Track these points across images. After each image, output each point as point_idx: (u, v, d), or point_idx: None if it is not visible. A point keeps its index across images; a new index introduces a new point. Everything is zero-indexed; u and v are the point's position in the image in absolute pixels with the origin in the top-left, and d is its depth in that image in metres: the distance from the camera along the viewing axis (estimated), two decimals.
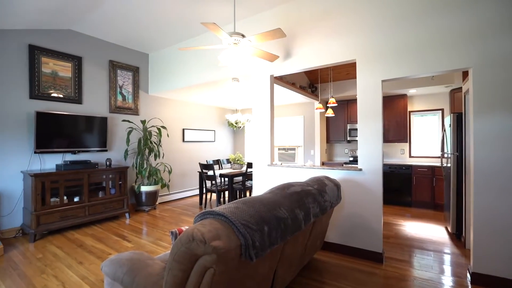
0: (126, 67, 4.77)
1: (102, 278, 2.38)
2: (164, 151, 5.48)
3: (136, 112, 4.95)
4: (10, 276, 2.43)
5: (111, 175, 4.12)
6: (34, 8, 3.07)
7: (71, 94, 4.03)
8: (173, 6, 3.34)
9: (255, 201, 1.48)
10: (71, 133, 3.90)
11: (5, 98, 3.41)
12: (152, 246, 3.14)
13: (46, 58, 3.77)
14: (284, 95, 5.35)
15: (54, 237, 3.43)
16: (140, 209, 4.73)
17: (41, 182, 3.35)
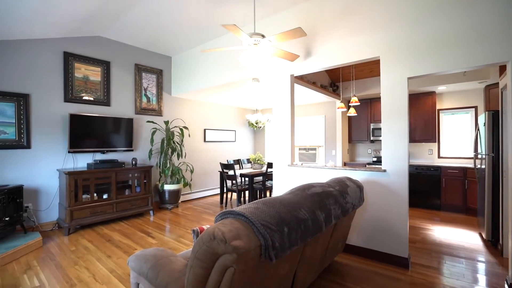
0: (151, 70, 4.96)
1: (129, 272, 2.50)
2: (186, 151, 5.63)
3: (160, 113, 5.13)
4: (48, 266, 2.63)
5: (136, 174, 4.30)
6: (68, 17, 3.29)
7: (100, 97, 4.27)
8: (194, 10, 3.42)
9: (275, 201, 1.48)
10: (100, 133, 4.13)
11: (43, 102, 3.68)
12: (175, 243, 3.24)
13: (79, 63, 4.02)
14: (305, 94, 5.28)
15: (85, 231, 3.65)
16: (163, 207, 4.90)
17: (74, 179, 3.58)
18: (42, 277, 2.43)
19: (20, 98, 3.48)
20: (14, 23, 3.06)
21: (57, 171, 3.80)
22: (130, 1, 3.14)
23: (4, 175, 3.36)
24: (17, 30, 3.26)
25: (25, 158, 3.53)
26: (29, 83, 3.57)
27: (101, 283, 2.32)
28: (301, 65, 3.35)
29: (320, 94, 5.09)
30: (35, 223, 3.59)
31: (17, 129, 3.46)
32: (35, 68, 3.62)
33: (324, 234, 1.92)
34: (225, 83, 4.28)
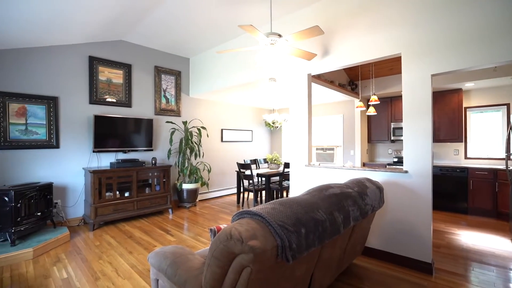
0: (169, 71, 5.09)
1: (149, 268, 2.58)
2: (204, 151, 5.72)
3: (178, 113, 5.25)
4: (75, 259, 2.77)
5: (156, 173, 4.43)
6: (93, 24, 3.44)
7: (122, 99, 4.44)
8: (211, 12, 3.46)
9: (292, 202, 1.47)
10: (122, 134, 4.29)
11: (70, 104, 3.88)
12: (193, 241, 3.30)
13: (102, 67, 4.21)
14: (322, 93, 5.20)
15: (108, 227, 3.81)
16: (181, 205, 5.01)
17: (98, 178, 3.75)
18: (70, 269, 2.56)
19: (50, 101, 3.69)
20: (45, 31, 3.25)
21: (82, 170, 4.00)
22: (149, 5, 3.24)
23: (36, 173, 3.58)
24: (47, 37, 3.46)
25: (54, 157, 3.74)
26: (58, 86, 3.78)
27: (123, 277, 2.41)
28: (319, 64, 3.29)
29: (338, 93, 4.99)
30: (63, 218, 3.80)
31: (48, 130, 3.68)
32: (63, 72, 3.82)
33: (342, 236, 1.88)
34: (241, 83, 4.30)
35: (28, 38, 3.34)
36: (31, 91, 3.55)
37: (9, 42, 3.29)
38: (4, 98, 3.34)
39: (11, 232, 2.84)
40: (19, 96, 3.45)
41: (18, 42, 3.35)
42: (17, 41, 3.32)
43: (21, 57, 3.49)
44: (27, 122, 3.52)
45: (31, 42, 3.48)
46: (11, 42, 3.29)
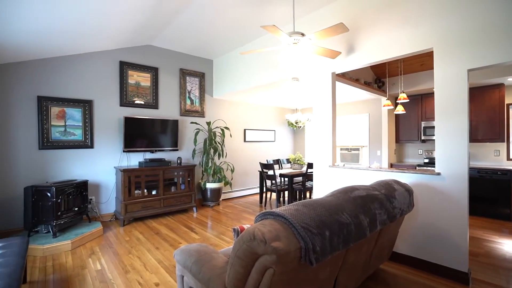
0: (194, 73, 5.23)
1: (174, 264, 2.67)
2: (227, 151, 5.81)
3: (202, 114, 5.38)
4: (107, 253, 2.94)
5: (181, 172, 4.58)
6: (124, 29, 3.63)
7: (150, 101, 4.64)
8: (234, 13, 3.50)
9: (316, 204, 1.44)
10: (149, 134, 4.49)
11: (103, 107, 4.14)
12: (216, 240, 3.37)
13: (132, 71, 4.43)
14: (347, 92, 5.05)
15: (137, 223, 4.00)
16: (205, 204, 5.13)
17: (128, 176, 3.95)
18: (103, 262, 2.73)
19: (85, 104, 3.96)
20: (81, 39, 3.49)
21: (114, 169, 4.24)
22: (175, 9, 3.35)
23: (73, 171, 3.86)
24: (83, 45, 3.71)
25: (89, 156, 4.01)
26: (92, 90, 4.04)
27: (151, 272, 2.52)
28: (343, 62, 3.20)
29: (363, 92, 4.81)
30: (97, 214, 4.06)
31: (83, 131, 3.95)
32: (97, 76, 4.08)
33: (368, 240, 1.82)
34: (264, 83, 4.31)
35: (67, 47, 3.61)
36: (69, 95, 3.83)
37: (51, 51, 3.57)
38: (47, 102, 3.64)
39: (53, 225, 3.09)
40: (59, 100, 3.74)
41: (59, 50, 3.62)
42: (58, 50, 3.60)
43: (61, 64, 3.77)
44: (66, 124, 3.80)
45: (70, 50, 3.75)
46: (54, 51, 3.57)
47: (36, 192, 3.12)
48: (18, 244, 2.12)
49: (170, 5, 3.19)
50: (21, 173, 3.47)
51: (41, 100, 3.60)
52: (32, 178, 3.54)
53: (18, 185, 3.44)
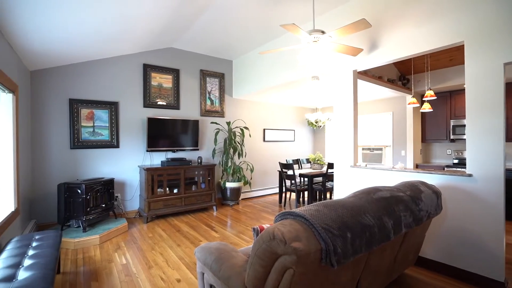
0: (214, 74, 5.32)
1: (195, 261, 2.73)
2: (247, 150, 5.84)
3: (222, 114, 5.45)
4: (132, 248, 3.07)
5: (202, 172, 4.67)
6: (146, 33, 3.77)
7: (171, 102, 4.78)
8: (253, 13, 3.51)
9: (337, 204, 1.41)
10: (171, 134, 4.63)
11: (128, 108, 4.32)
12: (236, 238, 3.40)
13: (154, 73, 4.58)
14: (369, 90, 4.89)
15: (159, 221, 4.14)
16: (225, 203, 5.20)
17: (151, 175, 4.10)
18: (128, 256, 2.85)
19: (112, 106, 4.15)
20: (107, 44, 3.67)
21: (138, 167, 4.41)
22: (195, 12, 3.42)
23: (100, 169, 4.06)
24: (109, 49, 3.90)
25: (115, 155, 4.20)
26: (118, 92, 4.23)
27: (173, 268, 2.60)
28: (365, 59, 3.11)
29: (387, 89, 4.63)
30: (122, 210, 4.25)
31: (110, 131, 4.15)
32: (122, 79, 4.27)
33: (392, 244, 1.75)
34: (283, 82, 4.28)
35: (94, 52, 3.80)
36: (97, 97, 4.04)
37: (81, 57, 3.79)
38: (77, 104, 3.87)
39: (83, 220, 3.28)
40: (89, 102, 3.95)
41: (88, 56, 3.83)
42: (87, 55, 3.81)
43: (90, 68, 3.99)
44: (94, 125, 4.02)
45: (97, 55, 3.95)
46: (83, 56, 3.78)
47: (68, 189, 3.33)
48: (52, 237, 2.27)
49: (191, 8, 3.26)
50: (55, 171, 3.71)
51: (72, 102, 3.83)
52: (64, 175, 3.77)
53: (52, 182, 3.68)
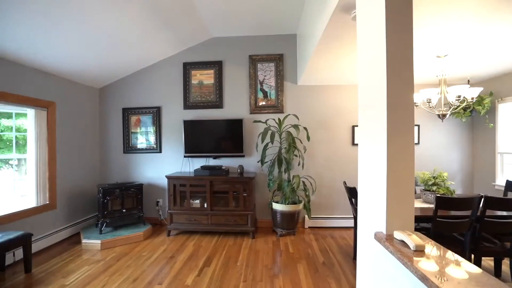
0: (267, 58, 4.05)
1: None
2: (322, 157, 4.02)
3: (280, 109, 4.06)
4: (94, 268, 2.80)
5: (236, 185, 3.65)
6: (188, 30, 3.62)
7: (213, 100, 4.13)
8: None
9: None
10: (210, 138, 4.00)
11: (169, 111, 4.19)
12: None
13: (194, 70, 4.14)
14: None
15: (183, 236, 3.64)
16: (275, 230, 3.81)
17: (173, 184, 3.69)
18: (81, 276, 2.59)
19: (155, 110, 4.19)
20: (152, 49, 3.71)
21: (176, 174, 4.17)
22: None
23: (145, 174, 4.21)
24: (153, 55, 3.92)
25: (157, 160, 4.21)
26: (160, 96, 4.20)
27: None
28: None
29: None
30: (161, 216, 4.18)
31: (153, 136, 4.20)
32: (164, 82, 4.19)
33: None
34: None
35: (139, 62, 3.97)
36: (143, 104, 4.22)
37: (129, 70, 4.09)
38: (128, 112, 4.22)
39: (99, 222, 3.46)
40: (136, 109, 4.21)
41: (133, 67, 4.07)
42: (133, 66, 4.04)
43: (137, 78, 4.23)
44: (140, 131, 4.22)
45: (142, 64, 4.11)
46: (131, 68, 4.06)
47: (98, 191, 3.64)
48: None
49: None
50: (113, 172, 4.26)
51: (124, 111, 4.22)
52: (118, 177, 4.24)
53: (109, 181, 4.24)
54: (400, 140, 1.22)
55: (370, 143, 1.40)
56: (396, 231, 1.17)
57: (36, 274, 2.66)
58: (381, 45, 1.24)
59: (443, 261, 0.99)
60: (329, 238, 3.60)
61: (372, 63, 1.36)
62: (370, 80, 1.39)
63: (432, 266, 0.94)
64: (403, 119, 1.22)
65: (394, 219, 1.21)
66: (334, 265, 2.81)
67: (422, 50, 2.63)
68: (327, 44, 2.49)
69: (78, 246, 3.34)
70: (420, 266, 0.94)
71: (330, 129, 4.02)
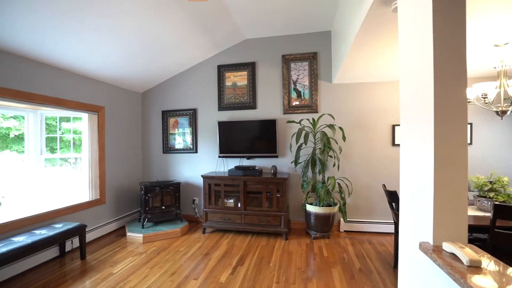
0: (300, 57, 3.98)
1: None
2: (361, 159, 3.83)
3: (314, 109, 3.95)
4: (137, 259, 3.01)
5: (270, 185, 3.65)
6: (222, 34, 3.76)
7: (247, 101, 4.18)
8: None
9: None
10: (244, 138, 4.04)
11: (204, 113, 4.34)
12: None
13: (228, 72, 4.23)
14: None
15: (218, 234, 3.75)
16: (308, 232, 3.72)
17: (208, 183, 3.81)
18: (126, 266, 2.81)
19: (191, 112, 4.37)
20: (188, 54, 3.92)
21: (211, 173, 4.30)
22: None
23: (182, 173, 4.41)
24: (190, 58, 4.11)
25: (194, 160, 4.38)
26: (196, 99, 4.37)
27: None
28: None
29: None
30: (197, 214, 4.34)
31: (190, 137, 4.39)
32: (199, 85, 4.35)
33: None
34: None
35: (177, 67, 4.18)
36: (180, 106, 4.43)
37: (167, 75, 4.33)
38: (167, 114, 4.47)
39: (141, 217, 3.72)
40: (174, 111, 4.44)
41: (172, 72, 4.30)
42: (172, 71, 4.27)
43: (176, 81, 4.45)
44: (178, 132, 4.44)
45: (180, 69, 4.32)
46: (168, 74, 4.30)
47: (141, 188, 3.91)
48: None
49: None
50: (153, 171, 4.54)
51: (163, 113, 4.48)
52: (157, 175, 4.51)
53: (150, 179, 4.53)
54: (450, 140, 1.11)
55: (414, 143, 1.29)
56: (446, 243, 1.06)
57: (90, 261, 2.95)
58: (427, 37, 1.13)
59: (503, 278, 0.87)
60: (366, 243, 3.41)
61: (416, 56, 1.25)
62: (414, 75, 1.28)
63: (490, 283, 0.83)
64: (454, 117, 1.10)
65: (442, 229, 1.10)
66: (372, 273, 2.65)
67: (476, 38, 2.35)
68: (364, 39, 2.36)
69: (124, 238, 3.62)
70: (475, 283, 0.84)
71: (368, 128, 3.82)
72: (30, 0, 2.11)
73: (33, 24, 2.36)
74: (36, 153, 3.14)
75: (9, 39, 2.45)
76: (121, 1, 2.47)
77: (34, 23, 2.35)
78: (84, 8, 2.38)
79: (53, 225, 2.92)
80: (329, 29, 3.90)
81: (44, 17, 2.32)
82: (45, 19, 2.34)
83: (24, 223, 2.74)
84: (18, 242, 2.43)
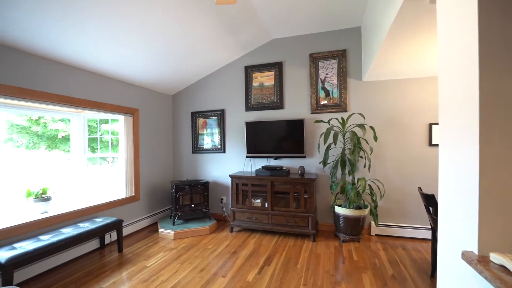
0: (328, 55, 3.88)
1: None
2: (391, 159, 3.64)
3: (344, 108, 3.83)
4: (168, 255, 3.14)
5: (297, 186, 3.61)
6: (249, 35, 3.82)
7: (274, 101, 4.17)
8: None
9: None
10: (271, 139, 4.05)
11: (232, 114, 4.41)
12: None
13: (255, 73, 4.26)
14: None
15: (245, 233, 3.79)
16: (337, 235, 3.61)
17: (236, 183, 3.87)
18: (158, 261, 2.96)
19: (219, 113, 4.47)
20: (217, 56, 4.04)
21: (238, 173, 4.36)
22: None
23: (211, 173, 4.53)
24: (218, 60, 4.22)
25: (222, 160, 4.47)
26: (224, 100, 4.46)
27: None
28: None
29: None
30: (225, 213, 4.42)
31: (218, 137, 4.49)
32: (227, 86, 4.44)
33: None
34: None
35: (206, 70, 4.32)
36: (209, 107, 4.55)
37: (196, 77, 4.48)
38: (196, 115, 4.62)
39: (175, 214, 3.88)
40: (203, 113, 4.57)
41: (201, 74, 4.43)
42: (200, 73, 4.41)
43: (204, 83, 4.59)
44: (206, 132, 4.56)
45: (209, 70, 4.44)
46: (197, 76, 4.45)
47: (172, 186, 4.09)
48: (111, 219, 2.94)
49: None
50: (183, 170, 4.72)
51: (193, 114, 4.63)
52: (187, 175, 4.68)
53: (180, 178, 4.70)
54: (498, 140, 1.01)
55: (456, 143, 1.20)
56: (494, 254, 0.96)
57: (126, 254, 3.15)
58: (471, 25, 1.04)
59: None
60: (400, 249, 3.23)
61: (458, 48, 1.15)
62: (455, 69, 1.19)
63: None
64: (502, 113, 1.00)
65: (489, 238, 1.00)
66: (407, 281, 2.50)
67: None
68: (398, 33, 2.23)
69: (156, 234, 3.81)
70: None
71: (402, 128, 3.61)
72: (82, 15, 2.31)
73: (85, 39, 2.59)
74: (80, 153, 3.43)
75: (61, 51, 2.70)
76: (156, 11, 2.61)
77: (86, 38, 2.57)
78: (131, 17, 2.55)
79: (95, 219, 3.16)
80: (358, 25, 3.75)
81: (95, 36, 2.52)
82: (95, 37, 2.55)
83: (70, 216, 3.01)
84: (66, 233, 2.67)
